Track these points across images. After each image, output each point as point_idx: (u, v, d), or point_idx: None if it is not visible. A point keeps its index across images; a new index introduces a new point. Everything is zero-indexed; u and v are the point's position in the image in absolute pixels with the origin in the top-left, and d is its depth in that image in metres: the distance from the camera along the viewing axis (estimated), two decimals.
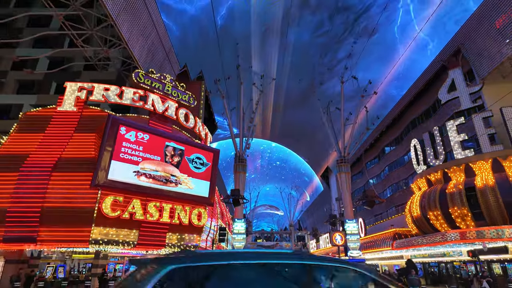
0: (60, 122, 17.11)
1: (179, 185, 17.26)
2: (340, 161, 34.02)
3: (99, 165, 14.92)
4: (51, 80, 26.36)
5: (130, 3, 17.69)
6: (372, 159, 45.07)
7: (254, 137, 36.51)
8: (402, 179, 35.36)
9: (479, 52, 22.48)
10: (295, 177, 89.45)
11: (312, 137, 67.34)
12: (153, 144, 17.01)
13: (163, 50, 23.75)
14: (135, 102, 18.16)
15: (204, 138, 22.06)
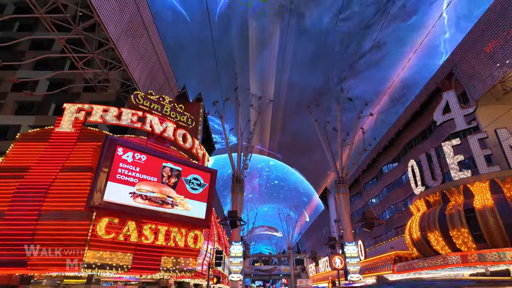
0: (58, 143, 17.07)
1: (176, 207, 17.03)
2: (338, 182, 33.95)
3: (95, 186, 14.77)
4: (50, 101, 26.55)
5: (131, 27, 18.18)
6: (370, 180, 44.95)
7: (252, 153, 36.44)
8: (400, 200, 35.12)
9: (472, 75, 23.03)
10: (294, 196, 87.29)
11: (310, 157, 66.75)
12: (150, 165, 16.93)
13: (162, 72, 24.16)
14: (133, 123, 18.24)
15: (201, 158, 22.02)
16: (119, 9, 16.48)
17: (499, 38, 20.73)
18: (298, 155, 72.05)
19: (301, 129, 62.48)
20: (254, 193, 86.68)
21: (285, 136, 61.95)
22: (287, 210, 77.33)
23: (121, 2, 16.45)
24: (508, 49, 20.39)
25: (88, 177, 15.47)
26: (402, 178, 35.18)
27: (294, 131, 64.56)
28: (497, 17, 20.25)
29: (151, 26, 20.13)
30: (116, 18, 16.42)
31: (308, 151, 65.25)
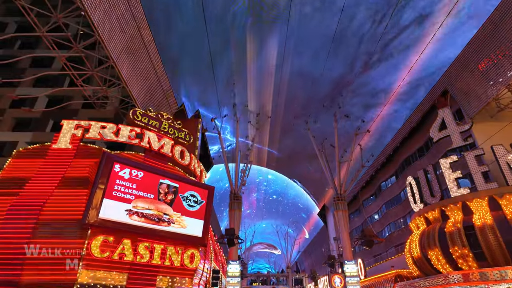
0: (54, 160, 16.96)
1: (172, 225, 16.77)
2: (337, 199, 33.71)
3: (91, 203, 14.56)
4: (48, 118, 26.63)
5: (131, 45, 18.50)
6: (368, 197, 44.71)
7: (250, 168, 36.38)
8: (400, 217, 34.82)
9: (466, 93, 23.41)
10: (293, 212, 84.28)
11: (311, 166, 65.41)
12: (147, 182, 16.80)
13: (161, 89, 24.41)
14: (131, 140, 18.26)
15: (199, 175, 21.92)
16: (119, 28, 16.82)
17: (492, 56, 21.22)
18: (298, 165, 70.43)
19: (300, 139, 62.14)
20: (251, 208, 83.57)
21: (284, 146, 59.93)
22: (286, 227, 75.94)
23: (121, 22, 16.81)
24: (500, 67, 20.84)
25: (84, 194, 15.29)
26: (400, 194, 35.03)
27: (294, 140, 63.31)
28: (488, 37, 20.79)
29: (151, 45, 20.50)
30: (117, 36, 16.74)
31: (309, 159, 64.18)
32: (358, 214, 49.09)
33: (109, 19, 15.73)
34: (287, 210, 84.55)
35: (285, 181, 75.48)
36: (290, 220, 79.71)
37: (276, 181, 78.08)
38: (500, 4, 18.91)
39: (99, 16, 14.90)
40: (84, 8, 13.81)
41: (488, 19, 20.26)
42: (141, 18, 18.34)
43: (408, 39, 39.05)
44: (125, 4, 16.36)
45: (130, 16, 17.30)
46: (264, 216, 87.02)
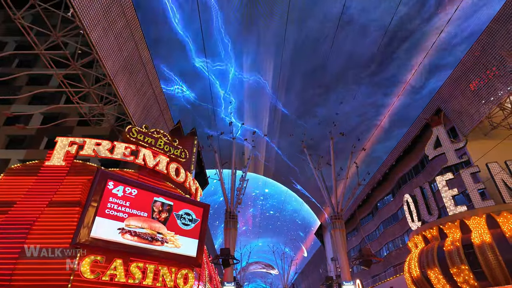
0: (47, 177, 16.67)
1: (166, 244, 16.31)
2: (334, 217, 33.38)
3: (82, 221, 14.17)
4: (42, 135, 26.42)
5: (128, 63, 18.68)
6: (365, 216, 44.27)
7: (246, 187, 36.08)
8: (397, 236, 34.38)
9: (459, 111, 23.77)
10: (291, 229, 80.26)
11: (309, 181, 64.22)
12: (141, 199, 16.47)
13: (158, 107, 24.49)
14: (126, 157, 18.07)
15: (194, 193, 21.61)
16: (117, 46, 17.04)
17: (482, 76, 21.73)
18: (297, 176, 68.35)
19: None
20: (247, 225, 79.48)
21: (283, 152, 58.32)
22: (283, 246, 73.97)
23: (119, 40, 17.05)
24: (491, 86, 21.30)
25: (75, 212, 14.93)
26: (397, 213, 34.76)
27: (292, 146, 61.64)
28: (478, 58, 21.37)
29: (148, 63, 20.73)
30: (114, 54, 16.92)
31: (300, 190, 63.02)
32: (356, 233, 48.44)
33: (107, 38, 15.95)
34: (285, 227, 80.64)
35: (283, 194, 71.78)
36: (289, 238, 77.13)
37: (274, 196, 74.56)
38: (489, 26, 19.56)
39: (98, 35, 15.11)
40: (83, 27, 14.01)
41: (477, 40, 20.90)
42: (139, 37, 18.63)
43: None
44: (123, 23, 16.65)
45: (128, 35, 17.58)
46: (261, 233, 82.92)
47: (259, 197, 74.91)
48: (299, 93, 54.13)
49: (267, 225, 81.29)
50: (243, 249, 66.29)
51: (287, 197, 71.29)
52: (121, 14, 16.34)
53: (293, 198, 69.37)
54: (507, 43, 18.96)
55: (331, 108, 53.02)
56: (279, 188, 69.13)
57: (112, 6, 15.46)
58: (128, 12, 16.79)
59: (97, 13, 14.63)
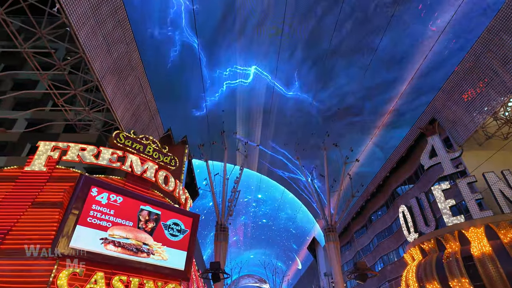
0: (25, 184, 15.60)
1: (152, 256, 15.31)
2: (328, 230, 32.48)
3: (61, 230, 13.15)
4: (25, 142, 25.26)
5: (118, 65, 18.03)
6: (359, 229, 43.51)
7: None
8: (392, 250, 33.63)
9: (454, 121, 23.67)
10: (284, 239, 74.34)
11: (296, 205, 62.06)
12: (127, 208, 15.53)
13: (148, 113, 23.74)
14: (112, 163, 17.17)
15: (183, 203, 20.65)
16: (106, 47, 16.42)
17: (476, 86, 21.73)
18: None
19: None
20: (238, 235, 73.35)
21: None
22: (275, 261, 71.17)
23: (109, 41, 16.45)
24: (484, 97, 21.27)
25: (55, 220, 13.89)
26: (392, 226, 34.13)
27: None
28: (471, 68, 21.40)
29: (138, 66, 20.12)
30: (103, 55, 16.27)
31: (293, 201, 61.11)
32: (349, 247, 47.51)
33: (96, 37, 15.33)
34: (278, 237, 74.55)
35: (277, 201, 65.81)
36: (282, 249, 73.01)
37: (267, 202, 67.82)
38: (482, 36, 19.66)
39: (86, 33, 14.48)
40: (70, 25, 13.38)
41: (470, 50, 20.97)
42: (130, 39, 18.07)
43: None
44: (113, 23, 16.10)
45: (118, 36, 17.00)
46: (253, 245, 76.99)
47: (251, 203, 68.13)
48: None
49: (259, 235, 74.33)
50: (233, 262, 63.30)
51: (281, 204, 65.82)
52: (111, 14, 15.80)
53: (287, 204, 63.46)
54: (500, 53, 19.02)
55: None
56: (272, 194, 63.84)
57: (102, 5, 14.93)
58: (119, 13, 16.28)
59: (86, 11, 14.05)
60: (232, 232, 70.20)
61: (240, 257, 75.52)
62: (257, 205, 68.53)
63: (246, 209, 67.69)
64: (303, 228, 65.47)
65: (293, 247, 74.19)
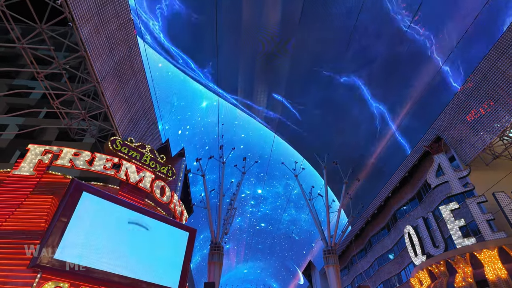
0: (11, 188, 14.41)
1: (145, 271, 13.96)
2: (328, 252, 31.13)
3: (46, 239, 11.85)
4: (15, 148, 24.07)
5: (119, 69, 17.39)
6: (358, 252, 41.94)
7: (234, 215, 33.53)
8: (394, 275, 32.16)
9: (460, 140, 23.27)
10: (286, 249, 61.45)
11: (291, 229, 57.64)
12: None
13: (146, 122, 22.91)
14: (106, 170, 16.10)
15: (179, 216, 19.46)
16: (108, 48, 15.82)
17: (482, 106, 21.52)
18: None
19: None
20: (231, 242, 59.15)
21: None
22: (271, 280, 63.46)
23: (111, 42, 15.89)
24: (490, 117, 21.02)
25: (40, 228, 12.65)
26: (393, 249, 32.84)
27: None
28: (476, 88, 21.25)
29: (140, 73, 19.51)
30: (105, 56, 15.64)
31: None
32: (347, 272, 45.67)
33: (99, 37, 14.75)
34: (278, 245, 61.62)
35: (280, 197, 53.87)
36: (280, 262, 62.10)
37: (268, 199, 55.77)
38: (489, 54, 19.60)
39: (88, 31, 13.90)
40: (73, 19, 12.80)
41: (476, 68, 20.89)
42: (133, 43, 17.56)
43: None
44: (117, 25, 15.60)
45: (121, 38, 16.47)
46: (248, 256, 64.08)
47: (249, 201, 55.30)
48: None
49: (256, 243, 61.82)
50: (223, 278, 56.38)
51: (283, 203, 54.26)
52: (115, 15, 15.33)
53: (291, 203, 53.19)
54: (508, 71, 18.89)
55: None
56: (275, 189, 53.92)
57: (107, 4, 14.47)
58: (123, 14, 15.82)
59: (90, 8, 13.55)
60: (225, 238, 61.43)
61: (231, 272, 64.72)
62: (256, 204, 56.16)
63: (242, 208, 54.93)
64: (308, 232, 54.77)
65: (294, 258, 62.57)
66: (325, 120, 45.23)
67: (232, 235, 57.98)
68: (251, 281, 66.76)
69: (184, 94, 42.42)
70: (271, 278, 65.20)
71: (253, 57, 40.70)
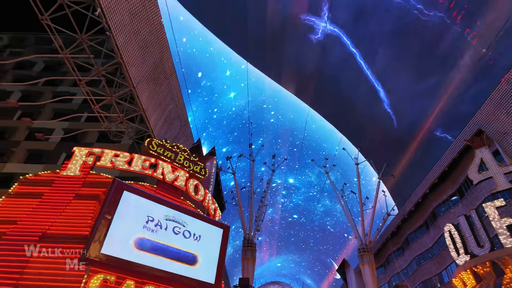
0: (61, 188, 15.64)
1: (186, 265, 14.62)
2: (362, 250, 30.50)
3: (93, 235, 12.76)
4: (61, 151, 26.02)
5: (152, 73, 18.18)
6: (395, 251, 40.53)
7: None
8: (434, 274, 30.77)
9: (505, 133, 21.74)
10: (320, 242, 57.14)
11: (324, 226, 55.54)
12: None
13: (179, 123, 23.74)
14: (144, 170, 16.99)
15: (212, 213, 20.01)
16: (142, 54, 16.61)
17: None
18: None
19: None
20: (263, 235, 54.84)
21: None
22: (304, 276, 60.97)
23: (145, 48, 16.65)
24: None
25: (88, 225, 13.63)
26: (433, 248, 31.40)
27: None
28: None
29: (172, 76, 20.24)
30: (139, 62, 16.44)
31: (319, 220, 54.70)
32: (383, 270, 44.35)
33: (132, 43, 15.56)
34: (311, 238, 57.15)
35: (314, 187, 50.05)
36: (315, 256, 58.03)
37: (300, 189, 51.14)
38: None
39: (123, 39, 14.70)
40: (109, 29, 13.59)
41: None
42: (164, 47, 18.27)
43: None
44: (149, 30, 16.31)
45: (153, 44, 17.20)
46: (280, 249, 60.52)
47: (280, 190, 51.77)
48: None
49: (288, 236, 57.97)
50: (255, 271, 55.48)
51: (316, 192, 50.07)
52: (148, 22, 16.04)
53: (325, 193, 49.03)
54: None
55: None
56: (308, 178, 49.93)
57: (140, 12, 15.19)
58: (154, 20, 16.51)
59: (124, 17, 14.30)
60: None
61: (264, 265, 61.32)
62: (288, 194, 52.46)
63: (274, 198, 51.83)
64: (343, 224, 50.84)
65: (329, 252, 58.78)
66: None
67: (264, 227, 52.52)
68: (285, 275, 64.21)
69: (211, 71, 38.53)
70: (305, 272, 62.17)
71: None
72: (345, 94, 42.70)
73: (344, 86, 42.62)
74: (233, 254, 54.58)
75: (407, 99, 39.73)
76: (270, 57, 40.62)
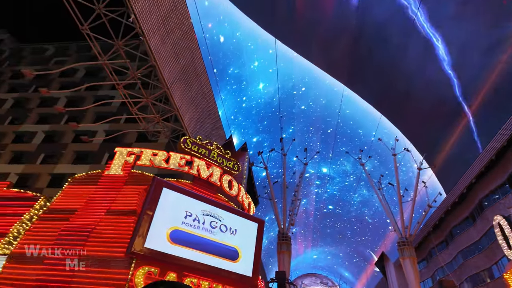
0: (106, 186, 16.79)
1: (225, 260, 15.11)
2: (402, 244, 29.55)
3: (137, 230, 13.56)
4: (104, 151, 27.81)
5: (184, 73, 18.77)
6: (438, 244, 38.63)
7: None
8: (483, 269, 28.97)
9: None
10: (358, 234, 54.08)
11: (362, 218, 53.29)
12: None
13: (211, 121, 24.34)
14: (180, 167, 17.71)
15: (247, 208, 20.38)
16: (174, 55, 17.19)
17: None
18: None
19: None
20: (297, 226, 52.49)
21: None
22: (342, 270, 59.82)
23: (176, 49, 17.23)
24: None
25: (131, 221, 14.48)
26: (481, 241, 29.54)
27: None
28: None
29: (203, 74, 20.75)
30: (171, 63, 17.05)
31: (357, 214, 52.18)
32: (425, 264, 42.53)
33: (165, 46, 16.17)
34: (348, 230, 54.68)
35: (348, 176, 47.21)
36: (353, 249, 56.06)
37: (334, 179, 48.58)
38: None
39: (156, 42, 15.32)
40: (143, 33, 14.23)
41: None
42: (195, 47, 18.76)
43: None
44: (180, 32, 16.82)
45: (184, 45, 17.73)
46: (316, 241, 58.12)
47: (314, 181, 48.93)
48: None
49: (324, 228, 55.31)
50: (292, 262, 53.63)
51: (353, 181, 47.40)
52: (178, 24, 16.55)
53: (362, 182, 46.44)
54: None
55: None
56: (343, 167, 47.47)
57: (171, 14, 15.70)
58: (185, 22, 17.00)
59: (156, 21, 14.88)
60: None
61: (299, 257, 60.24)
62: (322, 184, 49.43)
63: (307, 188, 49.15)
64: (382, 214, 46.41)
65: (367, 243, 55.81)
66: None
67: (298, 219, 48.53)
68: (321, 267, 62.50)
69: (238, 58, 35.80)
70: (343, 264, 60.23)
71: None
72: (388, 61, 35.56)
73: (389, 50, 35.29)
74: (268, 246, 54.65)
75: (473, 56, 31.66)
76: (299, 28, 35.07)
